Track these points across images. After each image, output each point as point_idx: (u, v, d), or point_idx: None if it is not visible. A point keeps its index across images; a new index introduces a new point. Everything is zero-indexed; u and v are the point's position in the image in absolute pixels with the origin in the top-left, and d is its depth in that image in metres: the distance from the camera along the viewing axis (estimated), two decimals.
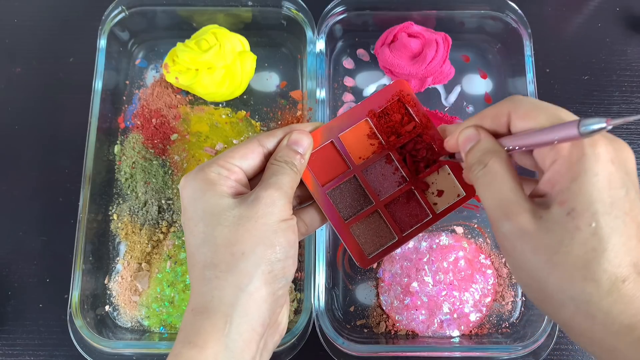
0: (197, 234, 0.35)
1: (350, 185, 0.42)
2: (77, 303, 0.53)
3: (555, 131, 0.29)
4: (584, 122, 0.27)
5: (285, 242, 0.35)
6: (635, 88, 0.66)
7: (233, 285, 0.33)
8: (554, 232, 0.29)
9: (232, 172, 0.37)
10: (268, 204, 0.35)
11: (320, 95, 0.59)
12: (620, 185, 0.29)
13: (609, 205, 0.29)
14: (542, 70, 0.65)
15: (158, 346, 0.54)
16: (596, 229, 0.28)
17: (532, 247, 0.30)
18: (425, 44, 0.61)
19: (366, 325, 0.57)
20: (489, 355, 0.53)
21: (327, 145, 0.42)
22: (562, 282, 0.29)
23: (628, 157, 0.30)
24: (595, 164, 0.29)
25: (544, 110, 0.32)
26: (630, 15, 0.68)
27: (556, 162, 0.30)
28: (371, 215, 0.43)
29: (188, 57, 0.59)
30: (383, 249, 0.42)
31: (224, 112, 0.63)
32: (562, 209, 0.29)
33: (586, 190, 0.29)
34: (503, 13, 0.62)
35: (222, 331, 0.33)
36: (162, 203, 0.60)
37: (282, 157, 0.38)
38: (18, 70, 0.66)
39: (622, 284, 0.28)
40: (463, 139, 0.36)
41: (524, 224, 0.30)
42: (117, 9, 0.62)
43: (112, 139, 0.62)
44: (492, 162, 0.33)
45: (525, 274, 0.32)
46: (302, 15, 0.61)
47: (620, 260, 0.28)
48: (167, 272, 0.58)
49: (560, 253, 0.29)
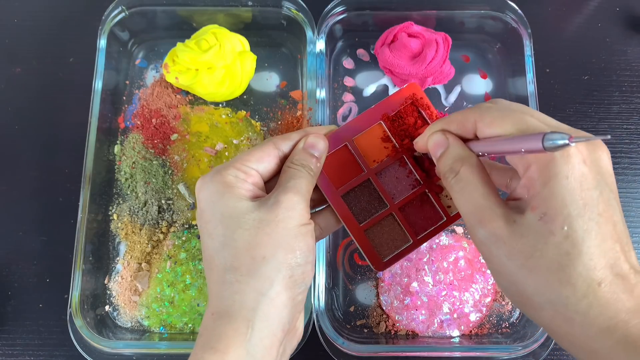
0: (216, 237, 0.35)
1: (364, 188, 0.42)
2: (77, 303, 0.53)
3: (521, 142, 0.29)
4: (548, 136, 0.27)
5: (305, 246, 0.35)
6: (635, 88, 0.66)
7: (254, 290, 0.33)
8: (528, 237, 0.29)
9: (249, 175, 0.37)
10: (288, 208, 0.35)
11: (320, 95, 0.59)
12: (594, 185, 0.29)
13: (581, 208, 0.28)
14: (542, 70, 0.65)
15: (158, 346, 0.54)
16: (569, 233, 0.28)
17: (506, 252, 0.30)
18: (425, 44, 0.61)
19: (366, 325, 0.57)
20: (489, 355, 0.53)
21: (342, 149, 0.42)
22: (539, 286, 0.29)
23: (601, 156, 0.30)
24: (565, 166, 0.29)
25: (510, 117, 0.31)
26: (630, 15, 0.68)
27: (530, 167, 0.30)
28: (386, 219, 0.42)
29: (188, 57, 0.59)
30: (398, 252, 0.42)
31: (224, 112, 0.63)
32: (535, 214, 0.29)
33: (557, 193, 0.29)
34: (503, 13, 0.62)
35: (244, 336, 0.32)
36: (162, 203, 0.60)
37: (299, 160, 0.38)
38: (18, 70, 0.66)
39: (598, 286, 0.28)
40: (432, 144, 0.36)
41: (497, 229, 0.30)
42: (117, 9, 0.62)
43: (112, 139, 0.62)
44: (463, 170, 0.33)
45: (503, 278, 0.32)
46: (302, 15, 0.61)
47: (596, 262, 0.28)
48: (167, 272, 0.58)
49: (534, 257, 0.29)
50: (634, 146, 0.64)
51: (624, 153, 0.63)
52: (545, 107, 0.64)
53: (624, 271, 0.28)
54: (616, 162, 0.63)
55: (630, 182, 0.62)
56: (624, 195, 0.62)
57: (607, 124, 0.64)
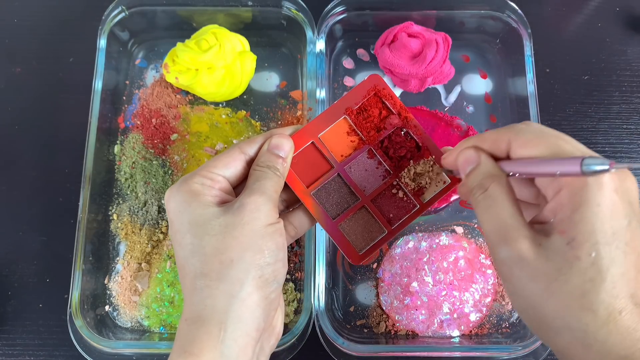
0: (185, 246, 0.35)
1: (334, 183, 0.43)
2: (77, 303, 0.53)
3: (558, 164, 0.29)
4: (587, 161, 0.27)
5: (273, 245, 0.35)
6: (635, 88, 0.66)
7: (225, 293, 0.34)
8: (553, 260, 0.29)
9: (216, 181, 0.37)
10: (253, 210, 0.35)
11: (320, 95, 0.59)
12: (623, 215, 0.29)
13: (610, 236, 0.28)
14: (542, 70, 0.65)
15: (158, 346, 0.54)
16: (596, 259, 0.28)
17: (529, 274, 0.30)
18: (425, 44, 0.61)
19: (366, 325, 0.57)
20: (489, 355, 0.53)
21: (309, 147, 0.42)
22: (559, 311, 0.29)
23: (631, 186, 0.30)
24: (597, 193, 0.29)
25: (545, 140, 0.31)
26: (630, 15, 0.68)
27: (560, 191, 0.30)
28: (359, 211, 0.43)
29: (188, 57, 0.59)
30: (373, 243, 0.43)
31: (224, 112, 0.63)
32: (563, 238, 0.29)
33: (588, 220, 0.29)
34: (503, 13, 0.62)
35: (217, 338, 0.33)
36: (162, 203, 0.60)
37: (264, 162, 0.38)
38: (18, 70, 0.66)
39: (619, 315, 0.28)
40: (463, 160, 0.36)
41: (522, 250, 0.30)
42: (117, 9, 0.62)
43: (112, 139, 0.62)
44: (492, 187, 0.33)
45: (522, 300, 0.31)
46: (302, 15, 0.61)
47: (618, 291, 0.28)
48: (167, 272, 0.58)
49: (558, 281, 0.29)
50: (634, 146, 0.64)
51: (624, 153, 0.63)
52: (545, 107, 0.64)
53: None
54: (616, 162, 0.63)
55: None
56: None
57: (607, 124, 0.64)
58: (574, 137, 0.32)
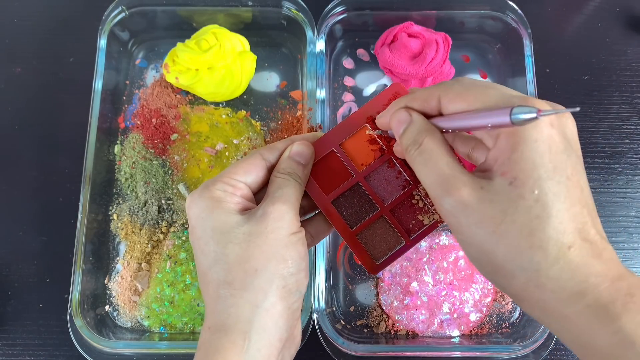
0: (208, 253, 0.35)
1: (354, 192, 0.42)
2: (77, 303, 0.53)
3: (487, 116, 0.29)
4: (515, 110, 0.27)
5: (296, 255, 0.35)
6: (635, 88, 0.66)
7: (249, 303, 0.33)
8: (497, 202, 0.29)
9: (237, 188, 0.36)
10: (277, 219, 0.35)
11: (320, 95, 0.59)
12: (562, 149, 0.29)
13: (551, 171, 0.28)
14: (542, 70, 0.65)
15: (158, 346, 0.54)
16: (539, 196, 0.28)
17: (476, 219, 0.30)
18: (425, 44, 0.61)
19: (366, 325, 0.57)
20: (489, 355, 0.53)
21: (329, 155, 0.42)
22: (510, 252, 0.29)
23: (567, 122, 0.30)
24: (533, 130, 0.28)
25: (473, 92, 0.31)
26: (630, 15, 0.68)
27: (499, 137, 0.30)
28: (377, 221, 0.42)
29: (188, 57, 0.59)
30: (391, 253, 0.42)
31: (224, 112, 0.63)
32: (505, 179, 0.29)
33: (527, 157, 0.28)
34: (503, 13, 0.62)
35: (241, 348, 0.33)
36: (162, 203, 0.60)
37: (285, 169, 0.38)
38: (18, 70, 0.66)
39: (568, 250, 0.28)
40: (395, 121, 0.35)
41: (464, 197, 0.30)
42: (117, 9, 0.62)
43: (112, 139, 0.62)
44: (426, 141, 0.32)
45: (473, 248, 0.31)
46: (302, 15, 0.61)
47: (565, 226, 0.28)
48: (167, 272, 0.58)
49: (504, 223, 0.29)
50: (634, 146, 0.64)
51: (624, 153, 0.63)
52: None
53: (591, 236, 0.28)
54: (616, 162, 0.63)
55: (630, 182, 0.62)
56: (624, 195, 0.62)
57: (607, 124, 0.64)
58: None
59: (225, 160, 0.61)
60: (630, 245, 0.61)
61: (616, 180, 0.62)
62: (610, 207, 0.62)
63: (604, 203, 0.62)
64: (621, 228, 0.61)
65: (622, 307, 0.27)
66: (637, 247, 0.61)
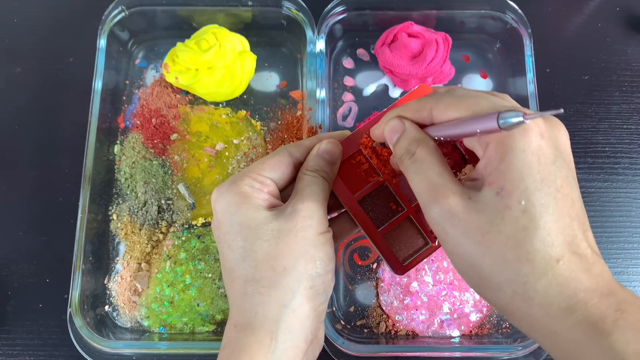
0: (236, 249, 0.34)
1: (380, 192, 0.41)
2: (77, 303, 0.53)
3: (476, 122, 0.29)
4: (502, 115, 0.26)
5: (325, 255, 0.35)
6: (635, 88, 0.66)
7: (276, 302, 0.33)
8: (484, 212, 0.28)
9: (265, 184, 0.36)
10: (306, 217, 0.34)
11: (320, 95, 0.59)
12: (552, 160, 0.28)
13: (539, 182, 0.27)
14: (542, 70, 0.65)
15: (158, 346, 0.54)
16: (527, 207, 0.27)
17: (462, 229, 0.29)
18: (425, 44, 0.61)
19: (366, 326, 0.57)
20: (489, 355, 0.53)
21: (355, 154, 0.41)
22: (496, 264, 0.28)
23: (559, 134, 0.29)
24: (521, 139, 0.28)
25: (464, 101, 0.31)
26: (630, 15, 0.68)
27: (488, 146, 0.30)
28: (403, 222, 0.42)
29: (188, 57, 0.59)
30: (418, 254, 0.41)
31: (224, 112, 0.63)
32: (492, 189, 0.29)
33: (515, 167, 0.28)
34: (503, 13, 0.62)
35: (267, 348, 0.32)
36: (162, 203, 0.60)
37: (314, 166, 0.37)
38: (18, 70, 0.66)
39: (556, 264, 0.27)
40: (389, 130, 0.35)
41: (452, 206, 0.29)
42: (117, 9, 0.62)
43: (112, 138, 0.62)
44: (419, 150, 0.32)
45: (460, 259, 0.31)
46: (302, 15, 0.61)
47: (554, 239, 0.27)
48: (166, 272, 0.58)
49: (491, 233, 0.28)
50: (634, 146, 0.64)
51: (624, 153, 0.63)
52: (546, 107, 0.64)
53: (581, 250, 0.28)
54: (616, 162, 0.63)
55: (630, 182, 0.62)
56: (625, 195, 0.62)
57: (607, 124, 0.64)
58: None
59: (225, 160, 0.61)
60: (631, 245, 0.61)
61: (616, 180, 0.62)
62: (610, 207, 0.62)
63: (604, 203, 0.62)
64: (621, 228, 0.61)
65: (612, 324, 0.26)
66: (638, 247, 0.61)
